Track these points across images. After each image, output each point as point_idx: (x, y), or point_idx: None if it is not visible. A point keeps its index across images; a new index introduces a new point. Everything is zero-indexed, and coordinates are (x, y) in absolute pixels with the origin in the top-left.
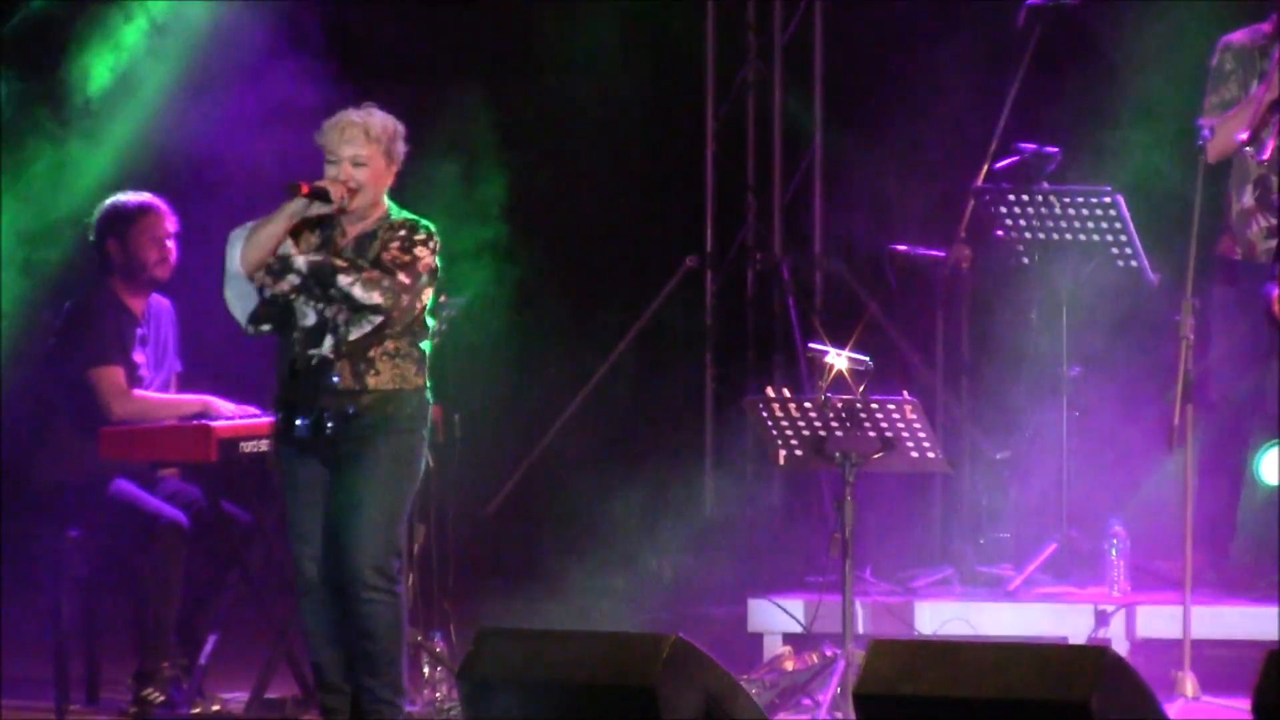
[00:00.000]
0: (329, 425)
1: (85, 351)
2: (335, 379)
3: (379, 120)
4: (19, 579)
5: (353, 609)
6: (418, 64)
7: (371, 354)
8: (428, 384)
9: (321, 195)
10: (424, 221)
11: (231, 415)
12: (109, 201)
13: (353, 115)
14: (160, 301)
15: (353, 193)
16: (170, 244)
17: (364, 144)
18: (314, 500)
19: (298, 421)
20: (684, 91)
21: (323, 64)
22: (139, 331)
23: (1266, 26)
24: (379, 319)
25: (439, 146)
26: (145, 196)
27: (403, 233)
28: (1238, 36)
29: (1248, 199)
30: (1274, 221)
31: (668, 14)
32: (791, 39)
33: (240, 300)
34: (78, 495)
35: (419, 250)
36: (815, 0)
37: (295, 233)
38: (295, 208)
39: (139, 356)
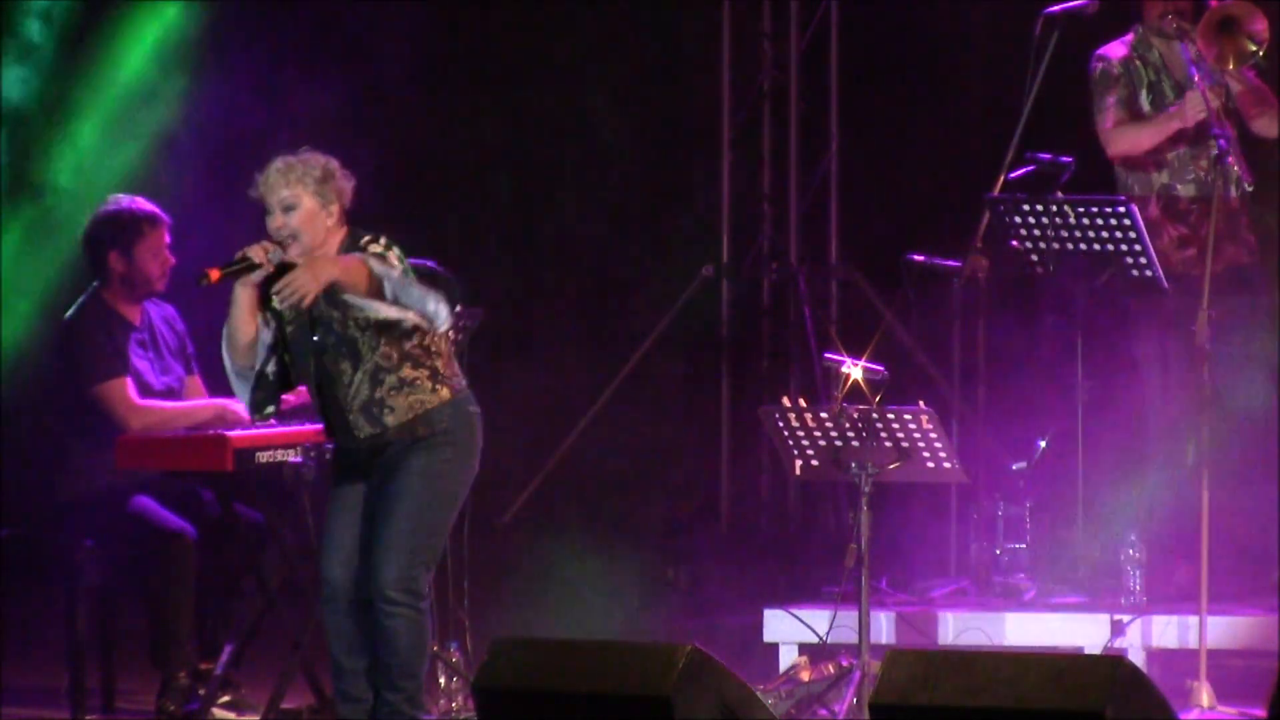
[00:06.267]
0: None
1: (88, 369)
2: (356, 432)
3: (301, 163)
4: (35, 589)
5: (376, 620)
6: (431, 72)
7: (380, 395)
8: (461, 387)
9: (244, 265)
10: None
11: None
12: (109, 209)
13: (276, 165)
14: (160, 306)
15: (290, 241)
16: (169, 254)
17: (285, 187)
18: (349, 510)
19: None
20: (700, 100)
21: (335, 70)
22: (137, 337)
23: (1129, 36)
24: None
25: (452, 154)
26: (146, 205)
27: (364, 242)
28: (1113, 50)
29: (1153, 209)
30: (1185, 230)
31: (683, 22)
32: (808, 47)
33: (243, 393)
34: (95, 508)
35: (390, 252)
36: (831, 8)
37: (263, 298)
38: (241, 291)
39: (141, 363)
